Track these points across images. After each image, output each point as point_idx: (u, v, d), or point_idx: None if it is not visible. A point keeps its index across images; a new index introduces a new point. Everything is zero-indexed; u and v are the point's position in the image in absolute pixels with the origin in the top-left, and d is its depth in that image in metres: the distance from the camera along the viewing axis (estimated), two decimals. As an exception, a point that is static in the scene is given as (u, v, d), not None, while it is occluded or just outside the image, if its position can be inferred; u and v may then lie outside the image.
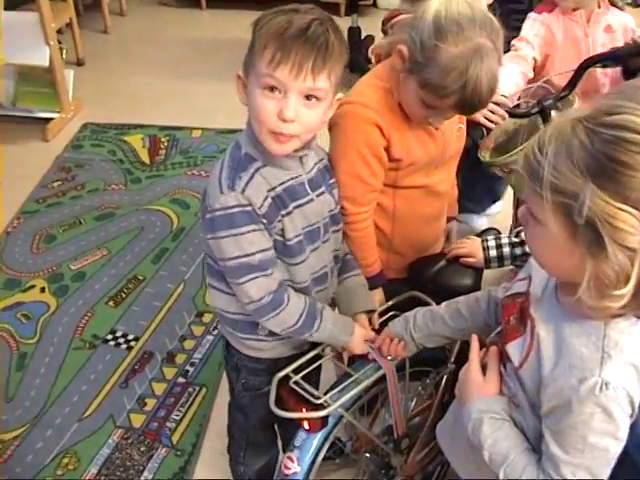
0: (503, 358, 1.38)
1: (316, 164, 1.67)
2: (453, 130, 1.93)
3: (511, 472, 1.30)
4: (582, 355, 1.18)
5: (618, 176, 1.03)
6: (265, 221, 1.53)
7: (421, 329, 1.68)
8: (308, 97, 1.46)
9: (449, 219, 2.18)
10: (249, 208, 1.50)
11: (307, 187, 1.61)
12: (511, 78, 2.44)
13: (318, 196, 1.64)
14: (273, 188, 1.54)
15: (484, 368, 1.42)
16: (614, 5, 2.65)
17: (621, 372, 1.16)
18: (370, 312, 1.85)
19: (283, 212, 1.56)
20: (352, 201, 1.82)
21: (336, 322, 1.71)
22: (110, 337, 2.97)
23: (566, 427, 1.20)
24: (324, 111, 1.52)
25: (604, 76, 2.50)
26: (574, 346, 1.20)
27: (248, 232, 1.51)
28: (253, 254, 1.53)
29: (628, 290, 1.07)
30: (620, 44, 2.43)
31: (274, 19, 1.44)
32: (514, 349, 1.33)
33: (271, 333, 1.69)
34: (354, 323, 1.75)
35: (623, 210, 1.03)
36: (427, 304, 1.84)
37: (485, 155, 2.37)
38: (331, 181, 1.73)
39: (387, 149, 1.80)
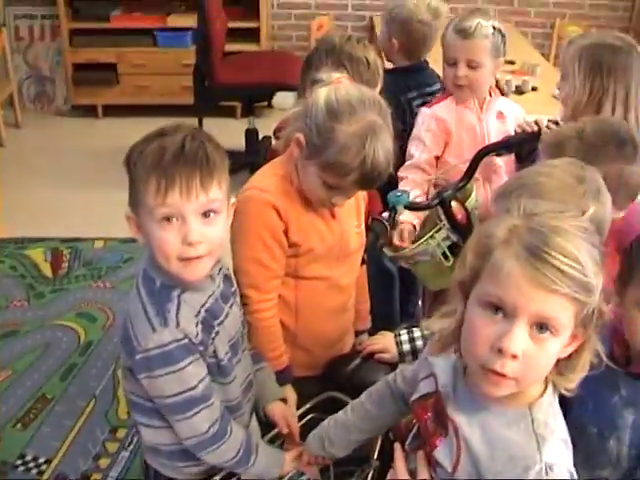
0: (431, 463, 1.35)
1: (218, 275, 1.66)
2: (351, 225, 1.99)
3: None
4: (517, 444, 1.20)
5: None
6: (201, 348, 1.51)
7: (338, 443, 1.68)
8: (206, 214, 1.45)
9: (360, 332, 2.22)
10: (185, 341, 1.48)
11: (221, 302, 1.61)
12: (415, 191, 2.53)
13: (230, 307, 1.65)
14: (199, 311, 1.53)
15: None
16: (502, 93, 2.80)
17: (557, 451, 1.20)
18: (283, 400, 1.86)
19: (212, 334, 1.54)
20: (255, 288, 1.84)
21: (269, 457, 1.70)
22: (19, 462, 2.84)
23: None
24: (224, 222, 1.52)
25: (500, 160, 2.62)
26: (506, 437, 1.22)
27: (187, 365, 1.49)
28: (195, 386, 1.51)
29: None
30: (511, 130, 2.56)
31: (145, 150, 1.43)
32: (442, 454, 1.30)
33: None
34: (283, 454, 1.74)
35: None
36: (345, 404, 1.85)
37: (388, 250, 2.42)
38: (233, 289, 1.72)
39: (285, 233, 1.84)
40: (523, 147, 2.37)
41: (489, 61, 2.56)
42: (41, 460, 2.85)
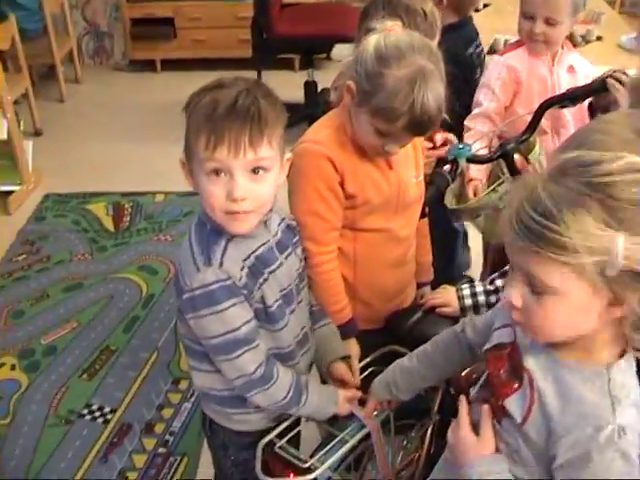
0: (497, 415, 1.34)
1: (279, 225, 1.67)
2: (409, 175, 1.96)
3: None
4: (592, 402, 1.18)
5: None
6: (245, 292, 1.52)
7: (405, 389, 1.69)
8: (255, 170, 1.45)
9: (423, 284, 2.21)
10: (229, 282, 1.49)
11: (276, 251, 1.61)
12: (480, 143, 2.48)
13: (286, 258, 1.65)
14: (247, 257, 1.54)
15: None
16: (574, 45, 2.73)
17: (632, 414, 1.17)
18: (345, 359, 1.85)
19: (260, 280, 1.55)
20: (314, 241, 1.84)
21: (321, 394, 1.71)
22: (86, 411, 2.92)
23: (586, 476, 1.18)
24: (274, 179, 1.51)
25: (569, 113, 2.56)
26: (580, 393, 1.19)
27: (230, 306, 1.50)
28: (238, 328, 1.52)
29: None
30: (581, 84, 2.49)
31: (200, 101, 1.43)
32: (514, 405, 1.28)
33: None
34: (337, 391, 1.75)
35: None
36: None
37: (451, 202, 2.39)
38: (295, 239, 1.73)
39: (341, 184, 1.84)
40: (598, 98, 2.31)
41: (567, 18, 2.49)
42: (106, 409, 2.92)
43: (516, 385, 1.29)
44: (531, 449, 1.28)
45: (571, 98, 2.33)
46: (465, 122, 2.60)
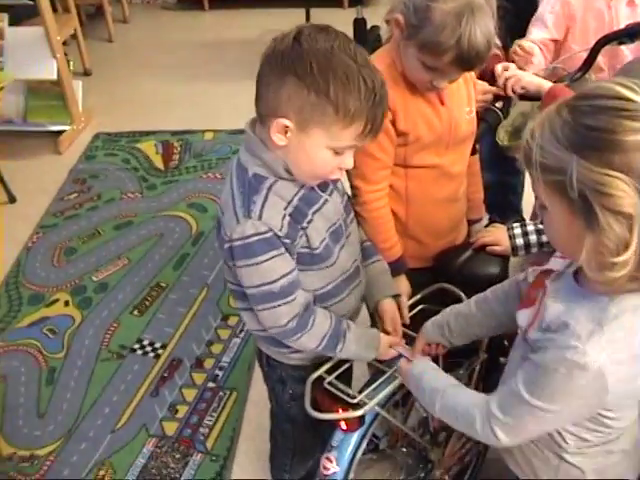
0: None
1: None
2: (462, 111, 1.92)
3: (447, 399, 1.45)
4: (578, 319, 1.19)
5: (598, 142, 1.06)
6: (288, 241, 1.49)
7: (458, 333, 1.68)
8: None
9: (474, 221, 2.19)
10: (269, 234, 1.46)
11: (317, 190, 1.58)
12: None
13: (330, 195, 1.61)
14: (290, 202, 1.50)
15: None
16: None
17: (607, 350, 1.16)
18: (396, 297, 1.84)
19: (304, 224, 1.52)
20: (363, 179, 1.84)
21: (359, 341, 1.69)
22: (137, 346, 2.97)
23: (537, 374, 1.24)
24: None
25: (627, 50, 2.46)
26: (574, 311, 1.21)
27: (268, 259, 1.48)
28: (275, 281, 1.51)
29: (628, 257, 1.07)
30: None
31: (352, 84, 1.35)
32: (522, 316, 1.38)
33: None
34: (379, 336, 1.73)
35: (609, 175, 1.05)
36: (456, 296, 1.83)
37: (503, 138, 2.34)
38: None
39: (393, 122, 1.81)
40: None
41: None
42: (157, 345, 2.97)
43: (535, 301, 1.35)
44: None
45: (630, 34, 2.24)
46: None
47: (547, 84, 2.09)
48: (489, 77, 2.22)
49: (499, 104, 2.18)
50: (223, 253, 1.55)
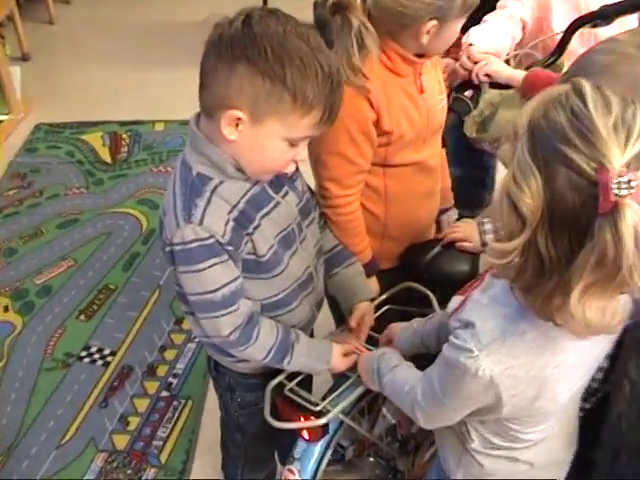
0: None
1: None
2: (436, 100, 1.93)
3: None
4: (485, 322, 1.22)
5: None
6: (231, 248, 1.48)
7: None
8: None
9: (445, 210, 2.20)
10: (210, 241, 1.44)
11: (269, 191, 1.56)
12: (500, 36, 2.40)
13: (284, 197, 1.60)
14: (235, 206, 1.48)
15: None
16: None
17: (503, 364, 1.20)
18: (372, 300, 1.86)
19: (249, 229, 1.51)
20: (337, 183, 1.82)
21: (310, 353, 1.68)
22: (84, 354, 2.96)
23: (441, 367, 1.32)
24: None
25: (602, 33, 2.48)
26: (486, 312, 1.24)
27: (209, 267, 1.47)
28: (216, 290, 1.49)
29: (509, 247, 1.07)
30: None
31: (309, 69, 1.34)
32: (453, 301, 1.51)
33: None
34: (331, 347, 1.72)
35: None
36: (423, 294, 1.86)
37: (472, 130, 2.37)
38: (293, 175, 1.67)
39: (376, 123, 1.79)
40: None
41: None
42: (106, 352, 2.96)
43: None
44: None
45: (604, 16, 2.26)
46: (485, 17, 2.47)
47: (519, 74, 2.11)
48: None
49: (468, 93, 2.19)
50: (165, 257, 1.54)
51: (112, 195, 3.87)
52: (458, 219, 2.22)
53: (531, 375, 1.21)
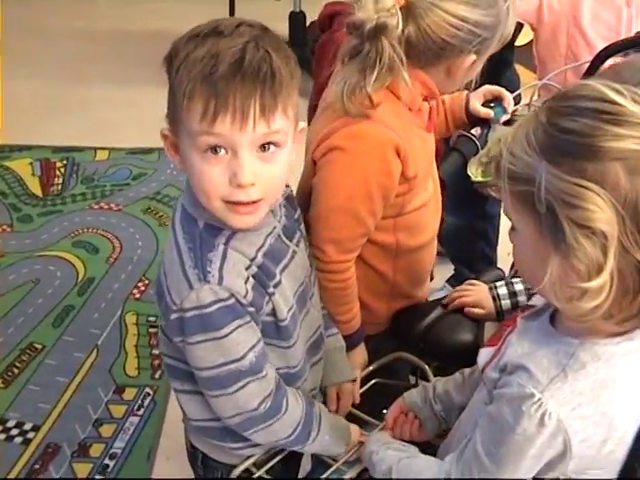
0: None
1: (281, 205, 1.63)
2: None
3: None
4: (539, 363, 1.25)
5: (569, 146, 1.13)
6: (252, 309, 1.49)
7: (442, 399, 1.70)
8: (264, 147, 1.41)
9: None
10: (231, 301, 1.45)
11: (284, 239, 1.59)
12: None
13: (297, 244, 1.62)
14: (253, 259, 1.50)
15: None
16: None
17: (570, 403, 1.21)
18: (352, 382, 1.87)
19: (270, 288, 1.52)
20: (337, 245, 1.82)
21: (333, 432, 1.69)
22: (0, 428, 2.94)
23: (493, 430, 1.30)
24: (288, 157, 1.48)
25: None
26: (537, 353, 1.27)
27: (232, 331, 1.47)
28: (242, 357, 1.49)
29: (601, 282, 1.11)
30: None
31: (193, 53, 1.37)
32: (483, 355, 1.48)
33: None
34: (349, 429, 1.74)
35: (580, 185, 1.10)
36: (417, 367, 1.88)
37: (476, 173, 2.39)
38: (296, 215, 1.70)
39: (402, 172, 1.81)
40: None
41: None
42: (27, 427, 2.92)
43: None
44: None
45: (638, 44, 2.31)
46: None
47: None
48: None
49: (475, 131, 2.23)
50: (166, 325, 1.53)
51: (42, 235, 3.88)
52: (461, 280, 2.23)
53: (600, 412, 1.22)
